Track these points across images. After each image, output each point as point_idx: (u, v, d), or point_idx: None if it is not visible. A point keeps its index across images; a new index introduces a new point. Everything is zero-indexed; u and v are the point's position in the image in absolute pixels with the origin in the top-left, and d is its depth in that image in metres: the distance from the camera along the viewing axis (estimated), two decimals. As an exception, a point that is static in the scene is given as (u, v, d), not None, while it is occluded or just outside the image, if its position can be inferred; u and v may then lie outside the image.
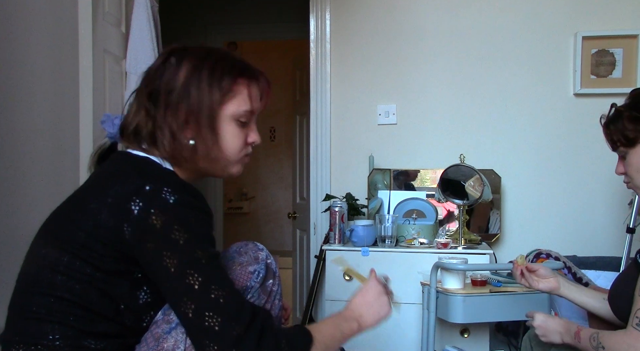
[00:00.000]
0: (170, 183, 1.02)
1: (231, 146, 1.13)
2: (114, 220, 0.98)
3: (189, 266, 0.97)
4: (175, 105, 1.08)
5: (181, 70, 1.10)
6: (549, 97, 2.79)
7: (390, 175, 2.84)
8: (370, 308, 1.20)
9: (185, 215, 0.99)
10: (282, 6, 4.09)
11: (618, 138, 1.44)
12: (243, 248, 1.22)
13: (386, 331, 2.39)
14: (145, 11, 2.34)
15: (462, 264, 1.98)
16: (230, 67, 1.13)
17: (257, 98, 1.16)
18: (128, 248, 0.99)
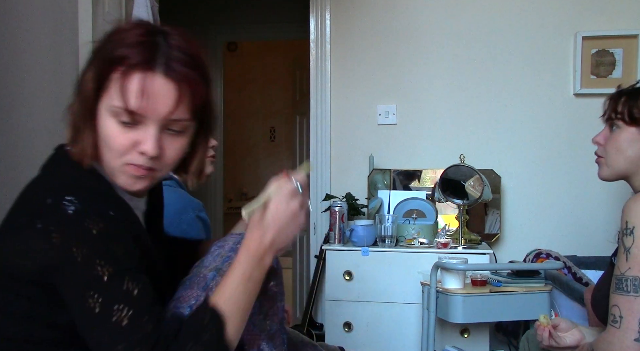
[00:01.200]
0: (73, 187, 0.91)
1: (108, 145, 0.94)
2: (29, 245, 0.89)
3: (87, 286, 0.86)
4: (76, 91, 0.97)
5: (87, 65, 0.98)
6: (549, 97, 2.79)
7: (390, 175, 2.84)
8: (284, 235, 0.99)
9: (86, 226, 0.87)
10: (282, 6, 4.09)
11: (622, 110, 1.41)
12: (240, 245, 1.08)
13: (386, 331, 2.39)
14: (145, 11, 2.34)
15: (462, 264, 1.98)
16: (109, 53, 0.93)
17: (136, 96, 0.91)
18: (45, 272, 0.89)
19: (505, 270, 2.13)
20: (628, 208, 1.28)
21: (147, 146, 0.93)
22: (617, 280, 1.27)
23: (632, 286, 1.23)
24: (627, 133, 1.40)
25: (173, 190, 1.58)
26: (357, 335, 2.41)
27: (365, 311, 2.41)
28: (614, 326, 1.25)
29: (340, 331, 2.42)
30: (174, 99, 0.93)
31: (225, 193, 4.90)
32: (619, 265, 1.27)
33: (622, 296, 1.24)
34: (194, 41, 0.99)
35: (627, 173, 1.43)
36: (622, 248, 1.27)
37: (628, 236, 1.26)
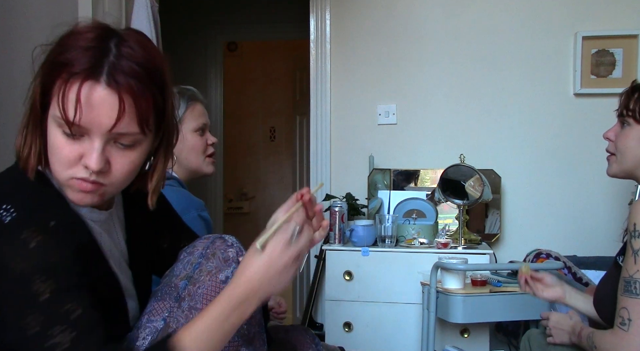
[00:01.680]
0: (13, 195, 0.86)
1: (54, 157, 0.89)
2: None
3: (25, 303, 0.80)
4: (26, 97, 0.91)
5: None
6: (549, 97, 2.79)
7: (390, 175, 2.84)
8: (273, 284, 0.90)
9: (24, 237, 0.81)
10: (282, 6, 4.09)
11: (634, 108, 1.40)
12: (210, 249, 1.05)
13: (386, 331, 2.39)
14: (145, 11, 2.34)
15: (462, 264, 1.98)
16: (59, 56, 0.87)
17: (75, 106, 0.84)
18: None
19: (505, 270, 2.13)
20: (635, 210, 1.27)
21: (90, 160, 0.86)
22: (625, 282, 1.26)
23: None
24: (637, 131, 1.39)
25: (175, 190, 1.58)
26: (357, 335, 2.41)
27: (365, 311, 2.41)
28: (622, 329, 1.24)
29: (340, 331, 2.42)
30: (117, 111, 0.85)
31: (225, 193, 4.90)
32: (627, 267, 1.26)
33: (632, 298, 1.23)
34: (151, 48, 0.92)
35: (635, 172, 1.43)
36: (631, 250, 1.26)
37: (637, 238, 1.24)
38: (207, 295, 1.00)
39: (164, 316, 0.99)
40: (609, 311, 1.31)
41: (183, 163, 1.68)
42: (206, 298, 1.00)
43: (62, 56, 0.86)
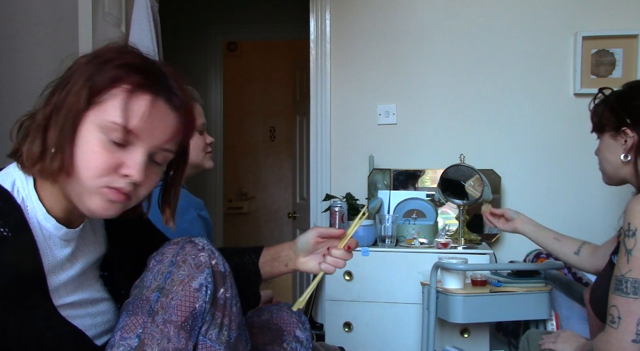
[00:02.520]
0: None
1: (88, 162, 0.88)
2: None
3: None
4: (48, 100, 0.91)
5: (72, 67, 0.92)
6: (549, 97, 2.79)
7: (390, 175, 2.84)
8: None
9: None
10: (282, 6, 4.10)
11: (594, 122, 1.51)
12: (180, 256, 1.00)
13: (386, 331, 2.39)
14: (145, 11, 2.34)
15: (462, 264, 1.98)
16: (111, 70, 0.89)
17: (140, 116, 0.88)
18: None
19: (505, 270, 2.13)
20: (630, 209, 1.28)
21: (134, 171, 0.88)
22: (617, 281, 1.27)
23: (631, 288, 1.24)
24: (604, 142, 1.48)
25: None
26: (357, 335, 2.41)
27: (365, 311, 2.41)
28: (612, 327, 1.26)
29: (340, 331, 2.42)
30: (174, 129, 0.92)
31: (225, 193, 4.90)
32: (620, 266, 1.27)
33: (622, 297, 1.25)
34: (182, 74, 0.98)
35: (621, 177, 1.47)
36: (624, 249, 1.27)
37: (630, 238, 1.26)
38: (181, 306, 0.96)
39: (137, 332, 0.94)
40: (605, 310, 1.32)
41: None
42: (180, 309, 0.96)
43: (125, 66, 0.89)
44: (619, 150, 1.43)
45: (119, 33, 2.35)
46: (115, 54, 0.92)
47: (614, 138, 1.44)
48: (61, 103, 0.88)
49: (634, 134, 1.39)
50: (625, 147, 1.42)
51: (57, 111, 0.88)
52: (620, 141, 1.43)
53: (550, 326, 2.03)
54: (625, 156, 1.41)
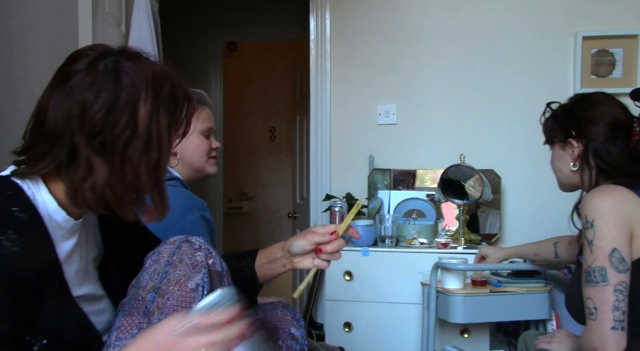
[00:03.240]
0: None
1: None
2: None
3: None
4: (140, 155, 0.92)
5: (140, 111, 0.91)
6: (549, 97, 2.76)
7: (390, 175, 2.84)
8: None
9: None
10: (282, 6, 4.09)
11: (545, 135, 1.60)
12: (176, 256, 1.00)
13: (386, 331, 2.39)
14: (145, 11, 2.34)
15: (462, 264, 1.98)
16: (179, 95, 0.98)
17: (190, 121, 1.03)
18: None
19: (505, 270, 2.13)
20: (586, 204, 1.35)
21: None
22: (586, 273, 1.31)
23: (600, 277, 1.27)
24: (555, 153, 1.57)
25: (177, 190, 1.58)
26: (357, 335, 2.41)
27: (365, 311, 2.41)
28: (591, 319, 1.29)
29: (340, 331, 2.42)
30: None
31: (225, 193, 4.90)
32: (586, 259, 1.31)
33: (593, 287, 1.28)
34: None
35: (572, 185, 1.56)
36: (586, 241, 1.32)
37: (589, 229, 1.31)
38: (177, 307, 0.95)
39: (133, 333, 0.93)
40: (580, 310, 1.35)
41: (187, 162, 1.70)
42: (176, 310, 0.95)
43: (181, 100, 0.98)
44: (568, 160, 1.51)
45: (119, 33, 2.35)
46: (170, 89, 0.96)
47: (563, 149, 1.53)
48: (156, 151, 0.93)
49: (579, 144, 1.47)
50: (573, 156, 1.49)
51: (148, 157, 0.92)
52: (569, 151, 1.51)
53: (550, 327, 2.03)
54: (573, 165, 1.49)
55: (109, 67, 0.92)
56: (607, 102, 1.49)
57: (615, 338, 1.24)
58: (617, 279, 1.26)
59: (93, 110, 0.88)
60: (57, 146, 0.89)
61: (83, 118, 0.88)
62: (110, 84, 0.90)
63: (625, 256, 1.27)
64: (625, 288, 1.26)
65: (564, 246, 1.79)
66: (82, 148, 0.88)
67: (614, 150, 1.42)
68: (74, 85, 0.90)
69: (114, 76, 0.91)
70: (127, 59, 0.94)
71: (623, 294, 1.25)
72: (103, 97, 0.89)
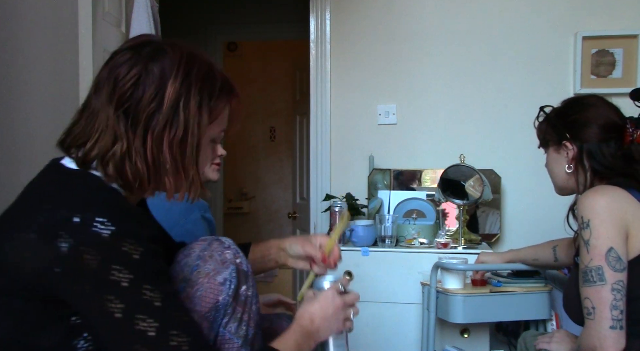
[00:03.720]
0: (104, 209, 0.85)
1: (202, 167, 1.02)
2: (40, 261, 0.83)
3: (138, 310, 0.83)
4: (160, 131, 0.93)
5: (167, 86, 0.94)
6: (549, 97, 2.76)
7: (390, 175, 2.84)
8: (328, 325, 1.11)
9: (126, 249, 0.83)
10: (282, 6, 4.10)
11: (540, 138, 1.63)
12: (207, 251, 1.06)
13: (386, 331, 2.39)
14: (145, 11, 2.34)
15: (462, 264, 1.98)
16: (217, 83, 1.01)
17: (238, 118, 1.07)
18: (58, 292, 0.84)
19: (505, 270, 2.13)
20: (581, 204, 1.35)
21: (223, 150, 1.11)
22: (583, 273, 1.31)
23: (597, 276, 1.27)
24: (550, 156, 1.59)
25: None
26: (357, 335, 2.41)
27: (365, 311, 2.40)
28: (589, 319, 1.28)
29: (340, 331, 2.42)
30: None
31: (225, 193, 4.90)
32: (582, 259, 1.31)
33: (590, 287, 1.28)
34: None
35: (568, 188, 1.57)
36: (582, 242, 1.32)
37: (585, 229, 1.31)
38: (205, 297, 1.00)
39: None
40: (578, 311, 1.35)
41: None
42: (204, 300, 1.00)
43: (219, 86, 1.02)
44: (563, 162, 1.53)
45: (119, 33, 2.35)
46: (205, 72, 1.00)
47: (557, 152, 1.55)
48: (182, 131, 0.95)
49: (573, 146, 1.49)
50: (567, 158, 1.51)
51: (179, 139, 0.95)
52: (563, 153, 1.52)
53: (550, 327, 2.03)
54: (568, 167, 1.51)
55: (151, 48, 0.97)
56: (600, 105, 1.50)
57: (614, 337, 1.24)
58: (614, 278, 1.26)
59: (123, 81, 0.93)
60: (95, 122, 0.94)
61: (113, 90, 0.93)
62: (144, 60, 0.95)
63: (622, 255, 1.27)
64: (623, 287, 1.26)
65: (563, 249, 1.79)
66: (110, 118, 0.92)
67: (608, 151, 1.44)
68: (114, 62, 0.96)
69: (150, 55, 0.95)
70: (168, 45, 0.99)
71: (620, 293, 1.25)
72: (134, 70, 0.94)
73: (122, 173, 0.93)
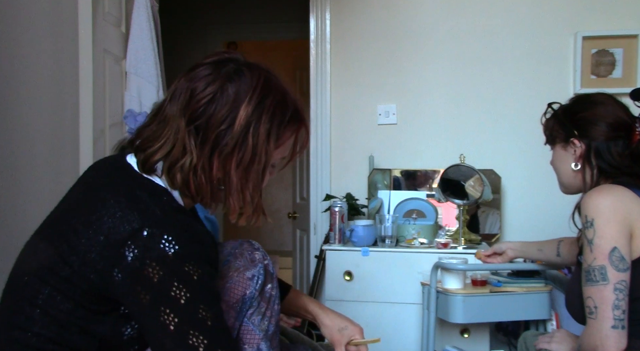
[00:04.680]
0: (172, 228, 0.90)
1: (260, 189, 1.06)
2: (104, 263, 0.89)
3: (192, 327, 0.88)
4: (228, 153, 0.97)
5: (240, 109, 0.96)
6: (549, 97, 2.76)
7: (390, 175, 2.84)
8: None
9: (187, 269, 0.89)
10: (282, 6, 4.09)
11: (546, 135, 1.60)
12: (238, 249, 1.13)
13: (386, 331, 2.39)
14: (145, 11, 2.34)
15: (462, 264, 1.98)
16: (288, 112, 1.02)
17: (298, 143, 1.08)
18: (116, 293, 0.91)
19: (505, 270, 2.13)
20: (585, 203, 1.35)
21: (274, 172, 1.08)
22: (585, 272, 1.30)
23: (600, 275, 1.27)
24: (557, 153, 1.56)
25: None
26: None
27: (365, 311, 2.40)
28: (591, 318, 1.28)
29: (340, 331, 2.42)
30: None
31: (225, 193, 4.88)
32: (586, 258, 1.31)
33: (593, 286, 1.28)
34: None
35: (574, 186, 1.55)
36: (585, 241, 1.32)
37: (589, 228, 1.31)
38: (233, 289, 1.06)
39: None
40: (580, 311, 1.35)
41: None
42: (233, 292, 1.06)
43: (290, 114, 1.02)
44: (569, 160, 1.51)
45: (119, 33, 2.35)
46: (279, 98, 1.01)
47: (564, 149, 1.52)
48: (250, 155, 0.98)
49: (581, 144, 1.47)
50: (574, 156, 1.49)
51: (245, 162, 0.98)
52: (570, 151, 1.50)
53: (550, 327, 2.03)
54: (575, 165, 1.49)
55: (231, 68, 1.00)
56: (609, 103, 1.49)
57: (616, 337, 1.24)
58: (617, 278, 1.25)
59: (198, 97, 0.97)
60: (165, 128, 0.97)
61: (188, 103, 0.97)
62: (222, 78, 0.98)
63: (625, 255, 1.27)
64: (625, 287, 1.26)
65: (567, 246, 1.79)
66: (181, 130, 0.96)
67: (616, 150, 1.43)
68: (194, 75, 1.00)
69: (228, 75, 0.99)
70: (247, 67, 1.01)
71: (623, 293, 1.25)
72: (211, 88, 0.97)
73: (186, 186, 0.97)
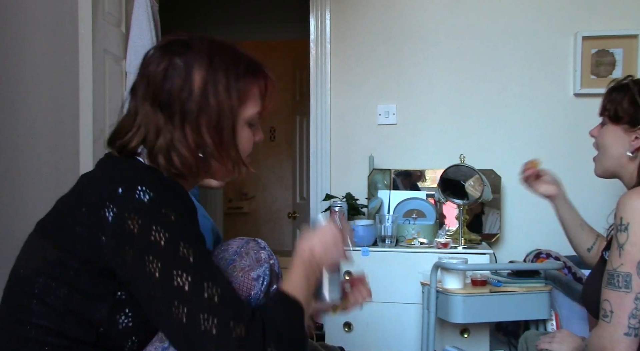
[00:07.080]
0: (145, 180, 0.93)
1: (244, 152, 1.06)
2: (89, 232, 0.91)
3: (175, 266, 0.88)
4: (195, 118, 0.99)
5: (193, 75, 0.99)
6: (549, 97, 2.79)
7: (390, 175, 2.84)
8: (329, 253, 1.13)
9: (164, 212, 0.91)
10: (282, 6, 4.09)
11: (609, 108, 1.45)
12: (244, 249, 1.12)
13: (386, 331, 2.39)
14: (145, 11, 2.34)
15: (462, 264, 1.98)
16: (241, 65, 1.04)
17: (265, 96, 1.08)
18: (106, 260, 0.91)
19: (505, 270, 2.13)
20: (622, 203, 1.28)
21: (262, 134, 1.10)
22: (609, 275, 1.28)
23: (623, 282, 1.24)
24: (612, 131, 1.43)
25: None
26: (357, 335, 2.41)
27: (365, 311, 2.39)
28: (604, 321, 1.27)
29: (340, 331, 2.42)
30: None
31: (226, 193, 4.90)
32: (612, 260, 1.28)
33: (614, 291, 1.26)
34: None
35: (615, 171, 1.46)
36: (616, 243, 1.27)
37: (622, 232, 1.26)
38: (238, 290, 1.05)
39: None
40: (596, 307, 1.33)
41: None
42: (238, 292, 1.05)
43: (244, 67, 1.03)
44: (626, 145, 1.41)
45: (119, 33, 2.35)
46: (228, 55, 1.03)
47: (626, 132, 1.41)
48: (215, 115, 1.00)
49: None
50: (635, 144, 1.40)
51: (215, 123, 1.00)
52: (631, 136, 1.40)
53: (550, 327, 2.03)
54: (632, 153, 1.40)
55: (177, 44, 1.03)
56: None
57: (628, 343, 1.22)
58: None
59: (153, 77, 1.00)
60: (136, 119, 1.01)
61: (147, 86, 1.01)
62: (170, 55, 1.01)
63: None
64: None
65: (600, 248, 1.70)
66: (149, 113, 1.00)
67: None
68: (145, 62, 1.04)
69: (176, 50, 1.02)
70: (192, 39, 1.04)
71: None
72: (162, 65, 1.00)
73: (171, 163, 0.99)
